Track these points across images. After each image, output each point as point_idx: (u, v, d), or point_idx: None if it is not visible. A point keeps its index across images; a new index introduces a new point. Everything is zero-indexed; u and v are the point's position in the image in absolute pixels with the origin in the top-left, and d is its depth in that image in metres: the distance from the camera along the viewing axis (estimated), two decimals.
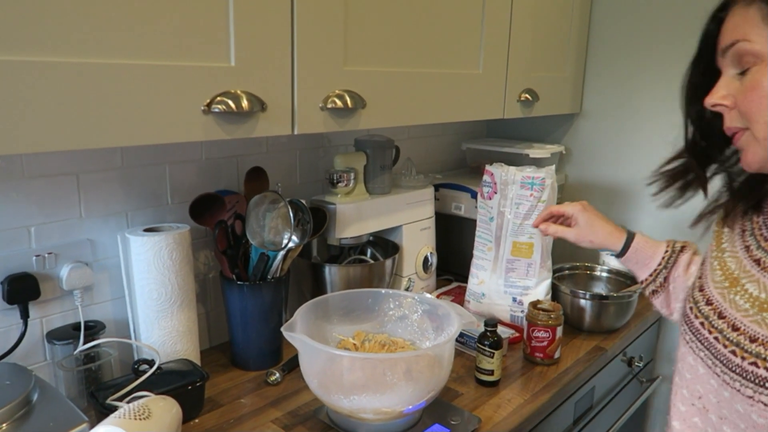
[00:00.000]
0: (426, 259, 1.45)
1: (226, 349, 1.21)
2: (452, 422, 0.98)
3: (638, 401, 1.44)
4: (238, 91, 0.82)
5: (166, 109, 0.75)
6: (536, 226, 1.15)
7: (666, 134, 1.55)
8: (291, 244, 1.10)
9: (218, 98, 0.80)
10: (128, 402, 0.88)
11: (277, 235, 1.07)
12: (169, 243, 1.01)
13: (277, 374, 1.12)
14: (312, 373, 0.93)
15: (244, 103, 0.82)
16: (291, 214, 1.04)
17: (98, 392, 0.92)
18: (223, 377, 1.13)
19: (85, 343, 0.99)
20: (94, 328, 1.02)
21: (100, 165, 1.03)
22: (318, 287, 1.28)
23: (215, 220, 1.07)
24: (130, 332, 1.07)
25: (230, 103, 0.81)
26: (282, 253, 1.10)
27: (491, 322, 1.12)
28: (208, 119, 0.80)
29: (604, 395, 1.38)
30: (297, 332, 0.95)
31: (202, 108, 0.79)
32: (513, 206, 1.31)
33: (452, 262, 1.65)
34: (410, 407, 0.91)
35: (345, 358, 0.90)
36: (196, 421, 0.99)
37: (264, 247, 1.08)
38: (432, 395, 0.93)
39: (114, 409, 0.83)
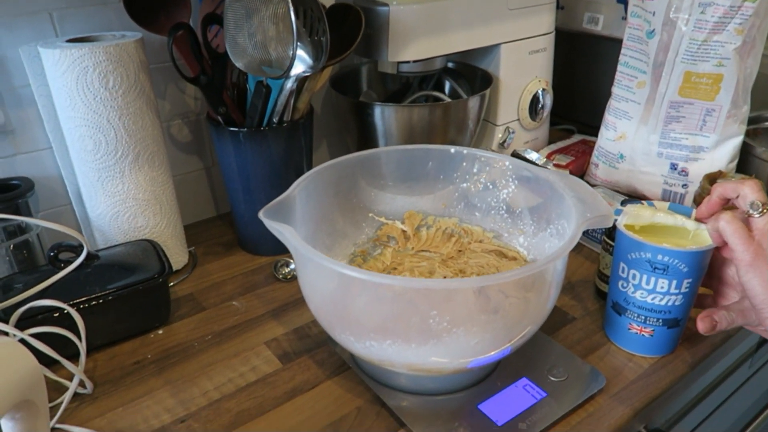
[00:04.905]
0: (536, 99, 0.96)
1: None
2: (552, 378, 0.58)
3: None
4: None
5: None
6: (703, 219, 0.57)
7: None
8: (301, 69, 0.66)
9: None
10: (25, 312, 0.56)
11: (279, 48, 0.64)
12: (100, 61, 0.62)
13: (292, 265, 0.76)
14: (308, 292, 0.55)
15: None
16: (292, 13, 0.60)
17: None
18: (220, 263, 0.79)
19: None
20: (15, 189, 0.69)
21: None
22: (366, 138, 0.86)
23: (172, 24, 0.65)
24: (69, 198, 0.73)
25: None
26: (290, 82, 0.67)
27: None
28: None
29: None
30: (295, 216, 0.55)
31: None
32: (694, 9, 0.76)
33: (576, 106, 1.14)
34: (480, 359, 0.51)
35: (355, 281, 0.49)
36: (159, 332, 0.66)
37: (257, 72, 0.66)
38: (524, 337, 0.53)
39: None
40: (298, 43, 0.62)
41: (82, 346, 0.57)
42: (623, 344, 0.62)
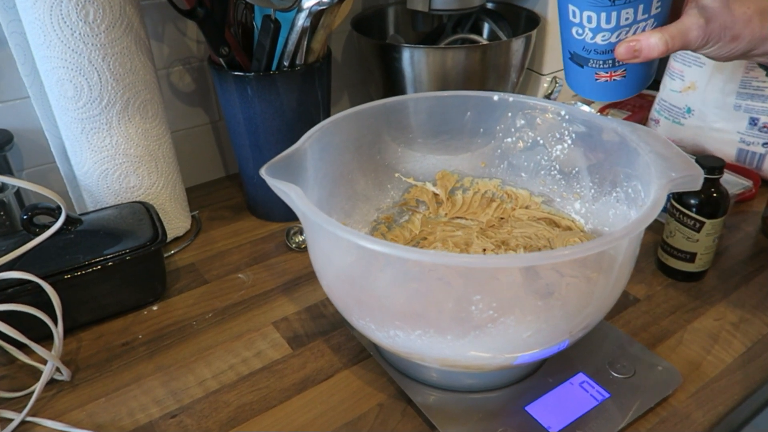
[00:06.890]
0: None
1: None
2: (615, 374, 0.48)
3: None
4: None
5: None
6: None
7: None
8: (315, 0, 0.55)
9: None
10: None
11: None
12: None
13: None
14: (320, 267, 0.45)
15: None
16: None
17: None
18: (226, 230, 0.70)
19: None
20: None
21: None
22: (393, 88, 0.75)
23: None
24: (51, 152, 0.64)
25: None
26: (302, 16, 0.57)
27: (714, 164, 0.55)
28: None
29: None
30: (307, 175, 0.46)
31: None
32: None
33: None
34: (531, 354, 0.41)
35: (377, 255, 0.39)
36: (154, 308, 0.58)
37: (263, 3, 0.55)
38: (586, 328, 0.42)
39: None
40: None
41: (57, 330, 0.49)
42: (595, 96, 0.49)
